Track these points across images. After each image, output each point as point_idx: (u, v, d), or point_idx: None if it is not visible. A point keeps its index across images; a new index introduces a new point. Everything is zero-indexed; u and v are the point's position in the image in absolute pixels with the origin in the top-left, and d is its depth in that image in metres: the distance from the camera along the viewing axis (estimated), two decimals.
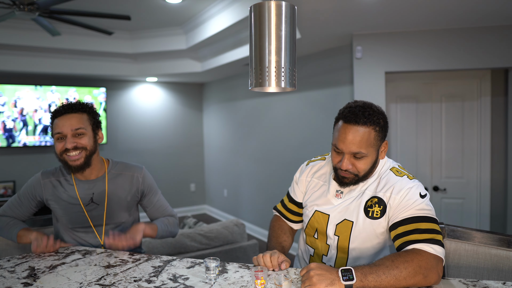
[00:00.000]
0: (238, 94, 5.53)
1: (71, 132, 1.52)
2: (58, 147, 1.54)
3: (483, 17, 2.76)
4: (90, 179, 1.63)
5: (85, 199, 1.61)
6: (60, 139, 1.53)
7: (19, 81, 5.09)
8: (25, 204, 1.66)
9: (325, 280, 1.06)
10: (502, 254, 1.29)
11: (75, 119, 1.54)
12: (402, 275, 1.08)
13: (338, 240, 1.34)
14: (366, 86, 3.21)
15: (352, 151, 1.25)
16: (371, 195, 1.31)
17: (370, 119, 1.24)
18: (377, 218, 1.28)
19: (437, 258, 1.14)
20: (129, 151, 5.95)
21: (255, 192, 5.21)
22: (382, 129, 1.28)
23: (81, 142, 1.54)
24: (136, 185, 1.69)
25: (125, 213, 1.67)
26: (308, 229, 1.44)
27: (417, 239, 1.16)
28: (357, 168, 1.28)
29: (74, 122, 1.53)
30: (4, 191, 4.93)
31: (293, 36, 1.09)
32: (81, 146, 1.53)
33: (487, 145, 3.28)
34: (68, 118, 1.53)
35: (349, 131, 1.24)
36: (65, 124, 1.52)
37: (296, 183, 1.53)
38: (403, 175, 1.32)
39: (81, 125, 1.54)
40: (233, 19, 3.54)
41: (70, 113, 1.55)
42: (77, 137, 1.54)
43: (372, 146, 1.26)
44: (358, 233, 1.30)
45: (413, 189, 1.25)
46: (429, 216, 1.21)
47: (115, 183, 1.65)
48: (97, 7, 3.76)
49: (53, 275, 1.27)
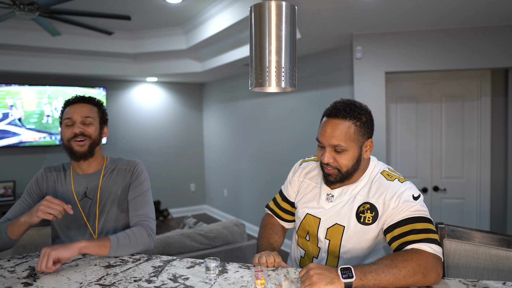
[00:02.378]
0: (238, 94, 5.53)
1: (81, 119, 1.58)
2: (66, 133, 1.58)
3: (483, 17, 2.76)
4: (88, 173, 1.64)
5: (79, 194, 1.62)
6: (68, 126, 1.58)
7: (19, 81, 5.09)
8: (29, 203, 1.63)
9: (325, 278, 1.07)
10: (502, 254, 1.29)
11: (86, 108, 1.61)
12: (402, 274, 1.08)
13: (329, 244, 1.35)
14: (366, 86, 3.21)
15: (331, 143, 1.27)
16: (363, 201, 1.31)
17: (351, 114, 1.27)
18: (368, 224, 1.28)
19: (436, 257, 1.14)
20: (129, 151, 5.95)
21: (255, 192, 5.21)
22: (363, 125, 1.29)
23: (88, 130, 1.58)
24: (127, 178, 1.66)
25: (115, 209, 1.62)
26: (300, 231, 1.45)
27: (415, 239, 1.17)
28: (338, 162, 1.29)
29: (84, 110, 1.60)
30: (4, 191, 4.93)
31: (293, 36, 1.09)
32: (87, 134, 1.58)
33: (487, 145, 3.28)
34: (79, 106, 1.60)
35: (329, 124, 1.29)
36: (76, 111, 1.58)
37: (289, 183, 1.54)
38: (394, 178, 1.32)
39: (91, 115, 1.61)
40: (233, 19, 3.54)
41: (82, 103, 1.62)
42: (85, 125, 1.59)
43: (352, 140, 1.27)
44: (349, 238, 1.31)
45: (406, 192, 1.25)
46: (424, 216, 1.22)
47: (109, 177, 1.65)
48: (97, 7, 3.76)
49: (53, 275, 1.27)
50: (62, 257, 1.29)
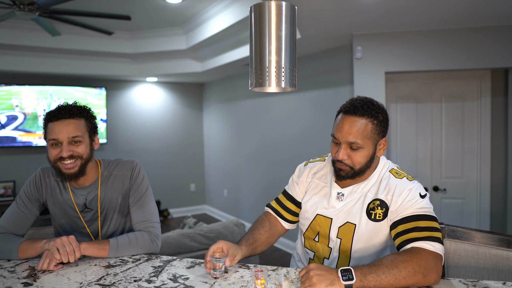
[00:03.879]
0: (238, 94, 5.53)
1: (68, 139, 1.42)
2: (52, 154, 1.43)
3: (483, 17, 2.76)
4: (84, 186, 1.56)
5: (79, 205, 1.55)
6: (54, 145, 1.44)
7: (19, 81, 5.10)
8: (28, 208, 1.53)
9: (325, 280, 1.06)
10: (502, 254, 1.29)
11: (72, 126, 1.44)
12: (402, 275, 1.08)
13: (340, 243, 1.34)
14: (366, 86, 3.21)
15: (348, 140, 1.27)
16: (373, 198, 1.31)
17: (369, 112, 1.28)
18: (379, 221, 1.29)
19: (437, 257, 1.14)
20: (129, 151, 5.95)
21: (255, 192, 5.21)
22: (380, 124, 1.30)
23: (78, 150, 1.45)
24: (126, 184, 1.58)
25: (119, 217, 1.59)
26: (309, 232, 1.43)
27: (417, 237, 1.17)
28: (352, 160, 1.29)
29: (71, 129, 1.43)
30: (4, 191, 4.94)
31: (293, 36, 1.08)
32: (77, 154, 1.45)
33: (487, 145, 3.28)
34: (65, 124, 1.43)
35: (347, 121, 1.28)
36: (62, 131, 1.42)
37: (296, 184, 1.52)
38: (403, 176, 1.33)
39: (78, 133, 1.45)
40: (233, 19, 3.54)
41: (67, 119, 1.44)
42: (73, 145, 1.44)
43: (368, 138, 1.28)
44: (361, 236, 1.31)
45: (413, 190, 1.27)
46: (428, 214, 1.22)
47: (106, 186, 1.57)
48: (97, 7, 3.76)
49: (53, 275, 1.27)
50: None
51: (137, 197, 1.57)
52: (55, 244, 1.32)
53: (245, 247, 1.37)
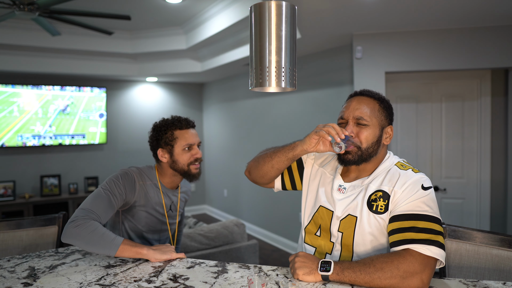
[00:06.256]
0: (238, 94, 5.53)
1: (197, 142, 1.73)
2: (185, 157, 1.68)
3: (483, 17, 2.76)
4: (172, 188, 1.77)
5: (167, 206, 1.74)
6: (186, 149, 1.68)
7: (19, 81, 5.09)
8: (117, 201, 1.55)
9: (305, 268, 1.14)
10: (503, 254, 1.29)
11: (194, 133, 1.75)
12: (376, 275, 1.08)
13: (341, 237, 1.29)
14: (366, 86, 3.19)
15: (354, 115, 1.29)
16: (376, 189, 1.26)
17: (376, 95, 1.34)
18: (381, 213, 1.23)
19: (427, 262, 1.09)
20: (129, 151, 5.95)
21: (255, 192, 5.21)
22: (386, 108, 1.34)
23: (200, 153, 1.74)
24: (188, 196, 1.93)
25: (180, 220, 1.92)
26: (311, 226, 1.40)
27: (413, 238, 1.12)
28: (359, 137, 1.28)
29: (196, 135, 1.76)
30: (4, 191, 4.93)
31: (293, 36, 1.08)
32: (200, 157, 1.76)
33: (487, 145, 3.28)
34: (192, 131, 1.73)
35: (355, 99, 1.34)
36: (192, 136, 1.71)
37: (307, 158, 1.54)
38: (408, 168, 1.28)
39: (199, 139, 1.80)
40: (233, 19, 3.54)
41: (192, 128, 1.75)
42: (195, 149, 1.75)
43: (375, 117, 1.30)
44: (362, 230, 1.25)
45: (417, 181, 1.21)
46: (429, 214, 1.15)
47: (181, 192, 1.85)
48: (97, 7, 3.76)
49: (53, 275, 1.27)
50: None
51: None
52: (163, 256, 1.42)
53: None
